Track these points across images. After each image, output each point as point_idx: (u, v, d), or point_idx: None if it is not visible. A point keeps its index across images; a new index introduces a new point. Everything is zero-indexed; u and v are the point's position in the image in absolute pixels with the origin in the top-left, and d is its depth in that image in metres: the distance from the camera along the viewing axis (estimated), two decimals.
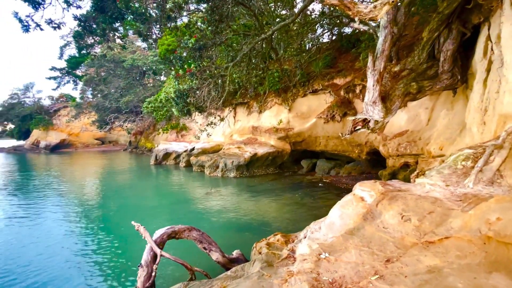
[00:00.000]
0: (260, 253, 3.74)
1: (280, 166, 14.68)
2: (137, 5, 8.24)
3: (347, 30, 13.62)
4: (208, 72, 10.19)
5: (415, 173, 6.79)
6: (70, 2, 6.71)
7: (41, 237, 6.53)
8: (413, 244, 2.82)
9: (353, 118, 6.29)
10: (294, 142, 13.99)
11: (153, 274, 3.66)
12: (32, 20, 6.25)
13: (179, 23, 10.47)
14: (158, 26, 9.28)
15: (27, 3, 6.07)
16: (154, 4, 8.79)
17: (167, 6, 8.00)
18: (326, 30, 13.21)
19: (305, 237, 3.73)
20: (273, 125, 14.51)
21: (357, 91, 11.13)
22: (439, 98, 7.57)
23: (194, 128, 21.26)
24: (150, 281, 3.61)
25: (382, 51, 5.48)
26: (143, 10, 8.43)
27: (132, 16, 8.18)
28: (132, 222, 4.19)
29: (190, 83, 10.86)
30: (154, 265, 3.70)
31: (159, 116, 20.03)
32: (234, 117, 17.75)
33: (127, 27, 11.01)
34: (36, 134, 38.09)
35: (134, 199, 10.28)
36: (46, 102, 40.73)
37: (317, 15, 11.74)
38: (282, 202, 8.83)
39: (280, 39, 11.64)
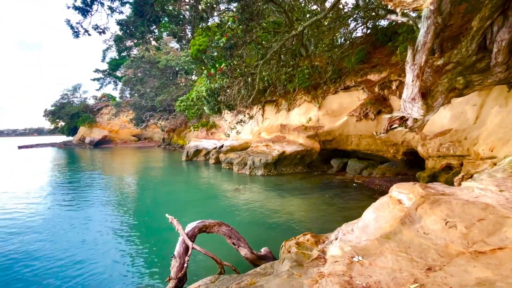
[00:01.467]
0: (289, 252, 3.71)
1: (308, 165, 14.40)
2: (170, 7, 8.62)
3: (383, 23, 12.89)
4: (238, 70, 10.32)
5: (460, 176, 6.24)
6: (114, 8, 7.26)
7: (83, 226, 7.16)
8: (459, 253, 2.58)
9: (390, 116, 5.93)
10: (324, 141, 13.61)
11: (185, 265, 3.82)
12: (82, 26, 6.89)
13: (210, 23, 10.74)
14: (190, 27, 9.62)
15: (77, 11, 6.71)
16: (187, 7, 9.15)
17: (200, 7, 8.25)
18: (360, 24, 12.60)
19: (336, 239, 3.61)
20: (302, 123, 14.26)
21: (393, 87, 10.48)
22: (490, 94, 6.82)
23: (224, 126, 21.75)
24: (182, 272, 3.77)
25: (423, 44, 5.07)
26: (177, 12, 8.79)
27: (167, 19, 8.59)
28: (166, 215, 4.41)
29: (221, 82, 11.09)
30: (186, 257, 3.86)
31: (191, 114, 20.82)
32: (263, 115, 17.79)
33: (162, 29, 11.58)
34: (82, 131, 42.01)
35: (167, 193, 10.83)
36: (91, 102, 44.76)
37: (350, 9, 11.25)
38: (311, 202, 8.65)
39: (310, 35, 11.37)
